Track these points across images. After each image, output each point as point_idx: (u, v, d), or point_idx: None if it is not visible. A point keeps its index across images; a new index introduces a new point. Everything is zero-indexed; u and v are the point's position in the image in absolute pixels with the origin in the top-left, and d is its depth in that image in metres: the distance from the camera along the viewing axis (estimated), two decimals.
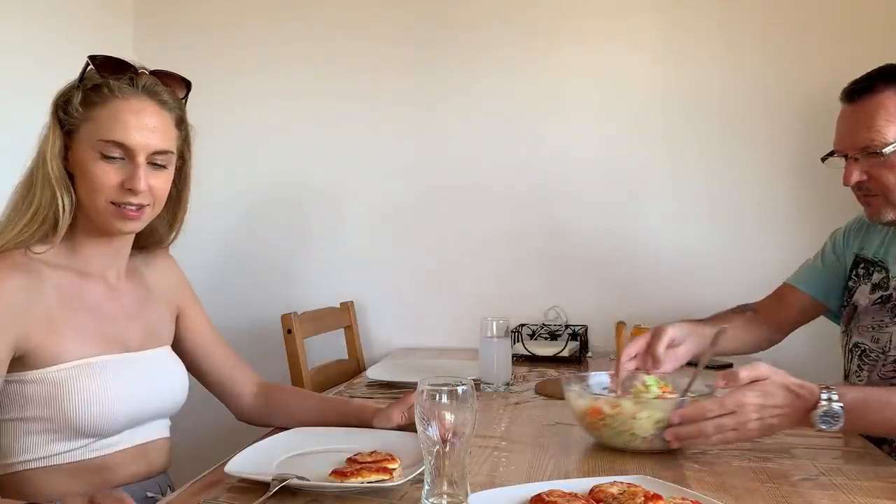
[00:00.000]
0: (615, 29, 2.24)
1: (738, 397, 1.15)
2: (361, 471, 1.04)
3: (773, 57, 2.15)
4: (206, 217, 2.38)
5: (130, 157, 1.12)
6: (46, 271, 1.14)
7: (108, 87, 1.12)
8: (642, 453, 1.20)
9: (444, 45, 2.32)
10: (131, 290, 1.26)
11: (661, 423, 1.18)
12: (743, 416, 1.15)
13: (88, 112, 1.12)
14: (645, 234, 2.23)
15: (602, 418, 1.21)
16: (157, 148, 1.14)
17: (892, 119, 1.37)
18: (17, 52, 1.96)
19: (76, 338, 1.14)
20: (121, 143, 1.11)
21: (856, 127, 1.42)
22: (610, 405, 1.21)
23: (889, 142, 1.37)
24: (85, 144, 1.12)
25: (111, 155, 1.12)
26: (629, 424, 1.19)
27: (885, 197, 1.42)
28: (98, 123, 1.11)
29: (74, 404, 1.10)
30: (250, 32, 2.41)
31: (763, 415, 1.15)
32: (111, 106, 1.12)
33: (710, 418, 1.15)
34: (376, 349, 2.34)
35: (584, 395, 1.28)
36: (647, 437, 1.19)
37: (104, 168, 1.12)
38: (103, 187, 1.12)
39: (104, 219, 1.14)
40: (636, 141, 2.24)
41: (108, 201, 1.13)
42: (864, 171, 1.42)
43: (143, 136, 1.12)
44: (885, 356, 1.48)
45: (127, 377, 1.17)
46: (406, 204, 2.35)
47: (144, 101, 1.14)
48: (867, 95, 1.40)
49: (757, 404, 1.15)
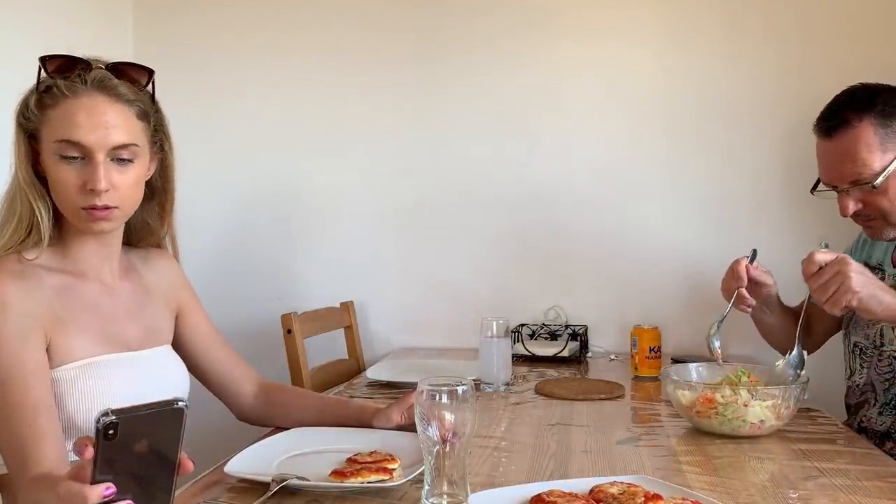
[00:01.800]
0: (615, 24, 2.23)
1: (838, 257, 1.26)
2: (361, 471, 1.04)
3: (775, 54, 2.14)
4: (205, 217, 2.38)
5: (88, 155, 1.09)
6: (43, 274, 1.14)
7: (57, 87, 1.10)
8: (746, 438, 1.30)
9: (443, 43, 2.31)
10: (128, 288, 1.26)
11: (774, 409, 1.28)
12: (847, 271, 1.24)
13: (43, 114, 1.10)
14: (645, 233, 2.23)
15: (713, 407, 1.29)
16: (116, 143, 1.10)
17: (873, 148, 1.39)
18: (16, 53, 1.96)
19: (82, 338, 1.14)
20: (76, 143, 1.08)
21: (840, 162, 1.43)
22: (723, 395, 1.29)
23: (877, 171, 1.39)
24: (45, 148, 1.11)
25: (69, 155, 1.09)
26: (741, 412, 1.27)
27: (884, 219, 1.45)
28: (52, 125, 1.10)
29: (77, 404, 1.10)
30: (250, 32, 2.40)
31: (862, 280, 1.23)
32: (62, 106, 1.09)
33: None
34: (376, 349, 2.34)
35: (697, 386, 1.35)
36: (756, 423, 1.28)
37: (65, 170, 1.09)
38: (67, 190, 1.10)
39: (76, 221, 1.13)
40: (637, 140, 2.23)
41: (73, 205, 1.11)
42: (858, 200, 1.44)
43: (97, 133, 1.09)
44: (879, 351, 1.49)
45: (129, 376, 1.17)
46: (406, 203, 2.35)
47: (96, 97, 1.10)
48: (843, 130, 1.41)
49: (856, 266, 1.25)
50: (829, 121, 1.45)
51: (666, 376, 1.42)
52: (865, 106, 1.40)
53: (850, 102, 1.43)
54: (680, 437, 1.33)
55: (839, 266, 1.24)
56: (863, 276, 1.24)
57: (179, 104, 2.44)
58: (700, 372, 1.50)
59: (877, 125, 1.39)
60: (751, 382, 1.35)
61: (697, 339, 2.15)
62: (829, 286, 1.25)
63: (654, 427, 1.41)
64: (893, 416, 1.45)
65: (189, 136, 2.42)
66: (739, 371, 1.38)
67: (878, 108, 1.39)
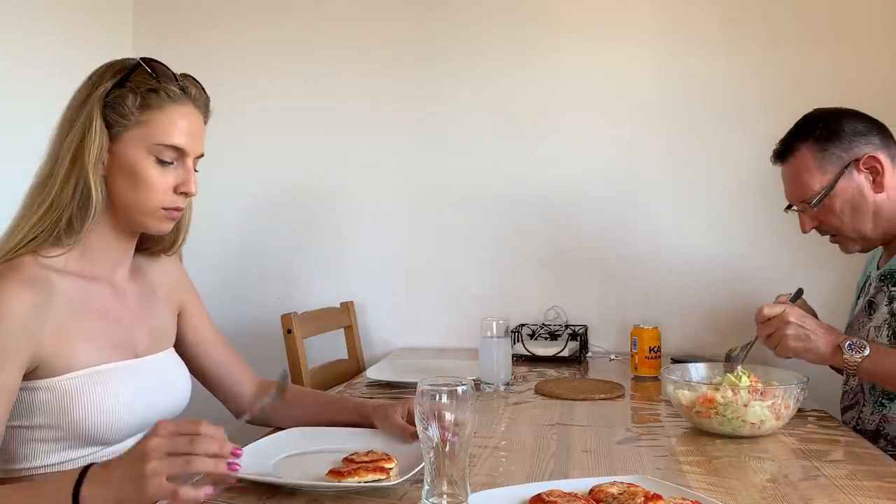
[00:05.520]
0: (615, 26, 2.24)
1: (780, 313, 1.39)
2: (358, 470, 1.04)
3: (775, 54, 2.14)
4: (205, 217, 2.37)
5: (182, 160, 1.16)
6: (55, 278, 1.12)
7: (165, 91, 1.14)
8: (745, 438, 1.31)
9: (443, 46, 2.32)
10: (136, 290, 1.26)
11: (774, 409, 1.31)
12: (784, 329, 1.37)
13: (143, 115, 1.12)
14: (645, 233, 2.23)
15: (713, 407, 1.31)
16: (201, 152, 1.20)
17: (813, 171, 1.52)
18: (16, 53, 1.96)
19: (87, 346, 1.13)
20: (178, 147, 1.14)
21: (789, 184, 1.59)
22: (723, 394, 1.31)
23: (817, 191, 1.52)
24: (136, 146, 1.12)
25: (166, 159, 1.14)
26: (741, 412, 1.29)
27: (842, 235, 1.56)
28: (153, 127, 1.13)
29: (83, 413, 1.09)
30: (250, 32, 2.41)
31: (798, 332, 1.37)
32: (169, 110, 1.14)
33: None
34: (376, 349, 2.34)
35: (697, 386, 1.37)
36: (756, 422, 1.29)
37: (160, 171, 1.14)
38: (158, 191, 1.14)
39: (146, 220, 1.16)
40: (637, 140, 2.23)
41: (158, 204, 1.15)
42: (812, 218, 1.57)
43: (193, 140, 1.16)
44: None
45: (135, 384, 1.16)
46: (406, 203, 2.35)
47: (191, 107, 1.17)
48: (789, 155, 1.57)
49: (795, 323, 1.37)
50: (779, 147, 1.60)
51: (666, 376, 1.43)
52: (807, 132, 1.54)
53: (795, 130, 1.58)
54: (680, 437, 1.33)
55: (778, 323, 1.39)
56: (801, 330, 1.37)
57: None
58: (700, 372, 1.51)
59: (815, 150, 1.52)
60: (751, 383, 1.36)
61: (697, 339, 2.16)
62: (772, 339, 1.40)
63: (654, 427, 1.41)
64: (881, 415, 1.48)
65: None
66: (740, 371, 1.39)
67: (816, 133, 1.53)
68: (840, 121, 1.53)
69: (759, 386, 1.33)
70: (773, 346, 1.40)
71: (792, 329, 1.37)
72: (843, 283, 1.97)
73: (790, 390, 1.31)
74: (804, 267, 2.07)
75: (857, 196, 1.50)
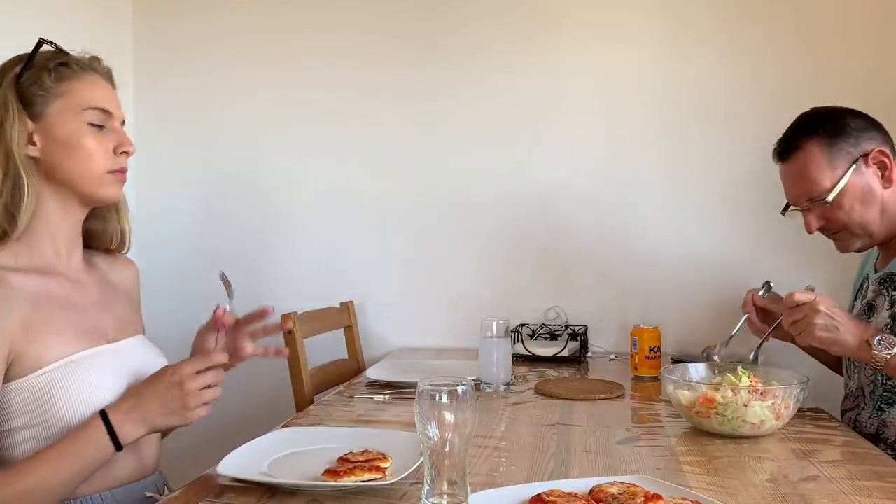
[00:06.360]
0: (615, 25, 2.23)
1: (811, 300, 1.36)
2: (354, 470, 1.04)
3: (775, 54, 2.14)
4: (205, 217, 2.38)
5: (111, 123, 1.18)
6: (11, 277, 1.10)
7: (75, 62, 1.17)
8: (745, 438, 1.31)
9: (442, 45, 2.31)
10: (93, 281, 1.25)
11: (774, 409, 1.30)
12: (813, 317, 1.34)
13: (61, 85, 1.14)
14: (645, 233, 2.23)
15: (713, 407, 1.31)
16: (124, 117, 1.23)
17: (822, 167, 1.49)
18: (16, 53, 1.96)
19: (57, 339, 1.11)
20: (105, 110, 1.17)
21: (796, 182, 1.55)
22: (723, 395, 1.30)
23: (828, 188, 1.49)
24: (65, 116, 1.14)
25: (97, 123, 1.16)
26: (741, 412, 1.29)
27: (848, 231, 1.53)
28: (75, 94, 1.15)
29: (65, 405, 1.08)
30: (251, 33, 2.40)
31: (827, 322, 1.34)
32: (84, 77, 1.17)
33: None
34: (376, 349, 2.34)
35: (697, 386, 1.36)
36: (756, 422, 1.29)
37: (96, 136, 1.16)
38: (99, 154, 1.15)
39: (97, 189, 1.17)
40: (637, 140, 2.23)
41: (103, 169, 1.16)
42: (818, 217, 1.53)
43: (113, 103, 1.20)
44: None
45: (113, 369, 1.15)
46: (406, 203, 2.35)
47: (99, 76, 1.21)
48: (795, 153, 1.53)
49: (825, 312, 1.34)
50: (782, 145, 1.57)
51: (666, 376, 1.43)
52: (812, 129, 1.52)
53: (799, 127, 1.55)
54: (680, 437, 1.33)
55: (808, 310, 1.36)
56: (830, 321, 1.35)
57: (180, 104, 2.46)
58: (700, 372, 1.51)
59: (823, 145, 1.49)
60: (751, 383, 1.35)
61: (697, 339, 2.15)
62: (798, 325, 1.37)
63: (654, 427, 1.41)
64: (880, 419, 1.47)
65: (190, 136, 2.44)
66: (740, 371, 1.39)
67: (821, 129, 1.50)
68: (843, 117, 1.51)
69: (759, 386, 1.33)
70: (797, 332, 1.37)
71: (821, 318, 1.34)
72: (840, 283, 1.96)
73: (790, 390, 1.31)
74: (804, 267, 2.07)
75: (867, 191, 1.48)
